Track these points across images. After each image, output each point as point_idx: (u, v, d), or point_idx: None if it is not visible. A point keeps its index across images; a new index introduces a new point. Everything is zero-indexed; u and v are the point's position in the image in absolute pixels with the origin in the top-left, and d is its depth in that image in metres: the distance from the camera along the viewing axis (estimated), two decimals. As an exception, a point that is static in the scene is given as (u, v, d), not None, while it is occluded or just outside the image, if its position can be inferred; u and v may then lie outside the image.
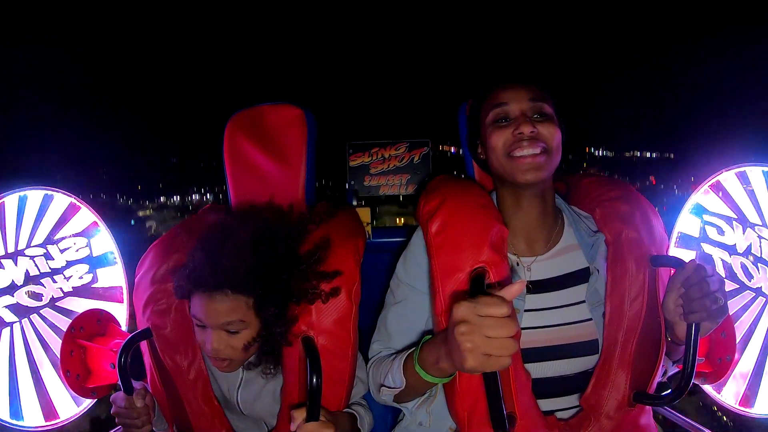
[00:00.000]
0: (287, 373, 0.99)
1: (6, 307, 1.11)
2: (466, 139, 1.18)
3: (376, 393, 1.00)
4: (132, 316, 1.17)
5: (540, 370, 0.92)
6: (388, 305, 1.05)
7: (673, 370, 1.02)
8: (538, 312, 0.95)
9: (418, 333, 1.01)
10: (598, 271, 0.96)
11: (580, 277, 0.97)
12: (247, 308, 0.91)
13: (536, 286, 0.96)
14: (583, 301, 0.95)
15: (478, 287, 0.79)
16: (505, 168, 0.94)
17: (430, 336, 0.88)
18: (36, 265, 1.15)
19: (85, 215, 1.21)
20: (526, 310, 0.94)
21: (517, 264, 0.98)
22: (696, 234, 1.18)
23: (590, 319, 0.94)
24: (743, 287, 1.13)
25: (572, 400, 0.95)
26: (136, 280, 1.07)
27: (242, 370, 1.04)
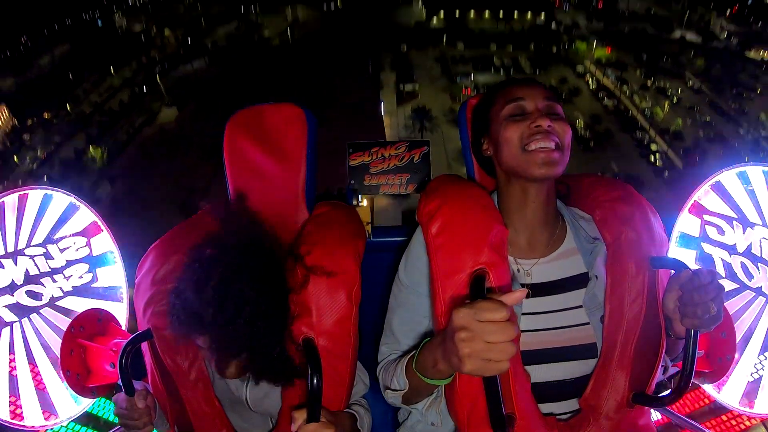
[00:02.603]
0: None
1: (6, 306, 1.11)
2: (468, 138, 1.18)
3: (385, 395, 1.00)
4: (132, 316, 1.17)
5: (538, 373, 0.92)
6: (391, 308, 1.05)
7: (672, 370, 1.02)
8: (535, 315, 0.95)
9: (424, 334, 1.01)
10: (596, 277, 0.96)
11: (578, 281, 0.97)
12: None
13: (535, 290, 0.96)
14: (581, 306, 0.95)
15: (478, 289, 0.79)
16: (520, 161, 0.93)
17: (429, 339, 0.88)
18: (36, 265, 1.15)
19: (85, 215, 1.21)
20: (524, 314, 0.94)
21: (518, 270, 0.98)
22: (696, 234, 1.18)
23: (588, 323, 0.95)
24: (743, 287, 1.12)
25: (572, 404, 0.95)
26: (136, 281, 1.07)
27: None
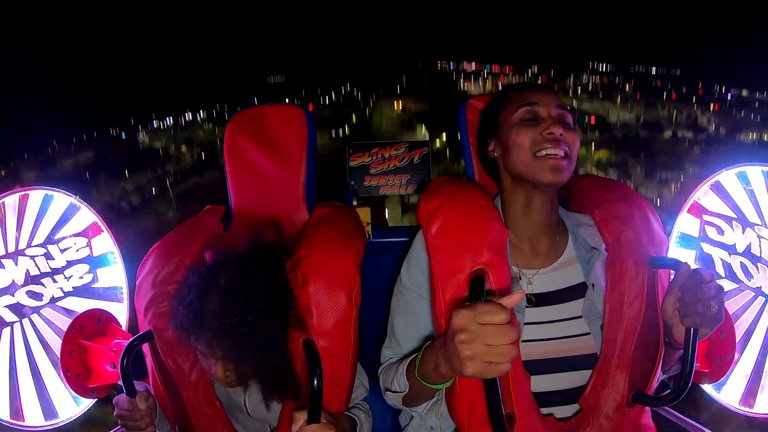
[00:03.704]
0: None
1: (6, 306, 1.11)
2: (467, 138, 1.18)
3: (385, 397, 1.00)
4: (132, 316, 1.18)
5: (540, 383, 0.92)
6: (393, 312, 1.05)
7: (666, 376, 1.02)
8: (537, 325, 0.95)
9: (426, 338, 1.01)
10: (593, 285, 0.96)
11: (577, 291, 0.97)
12: None
13: (537, 300, 0.96)
14: (581, 316, 0.95)
15: (478, 290, 0.79)
16: (529, 167, 0.93)
17: (430, 342, 0.88)
18: (36, 265, 1.15)
19: (86, 215, 1.21)
20: (525, 323, 0.94)
21: (519, 278, 0.98)
22: (696, 234, 1.18)
23: (589, 333, 0.95)
24: (743, 287, 1.13)
25: (572, 407, 0.95)
26: (137, 282, 1.07)
27: None
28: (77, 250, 1.20)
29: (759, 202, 1.11)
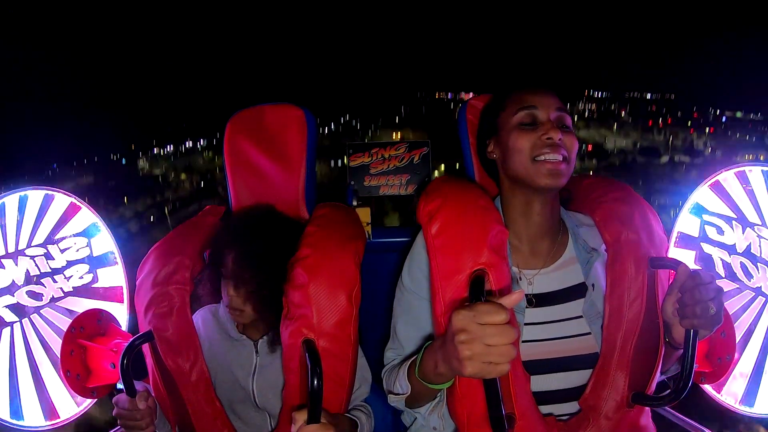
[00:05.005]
0: (289, 374, 0.99)
1: (6, 306, 1.12)
2: (467, 138, 1.18)
3: (388, 399, 1.01)
4: (132, 316, 1.18)
5: (540, 383, 0.92)
6: (396, 314, 1.05)
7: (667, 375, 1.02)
8: (537, 325, 0.95)
9: (428, 338, 1.01)
10: (593, 286, 0.96)
11: (577, 291, 0.97)
12: None
13: (537, 300, 0.96)
14: (581, 316, 0.95)
15: (478, 290, 0.79)
16: (528, 171, 0.93)
17: (430, 342, 0.88)
18: (36, 265, 1.15)
19: (86, 215, 1.21)
20: (525, 324, 0.94)
21: (520, 278, 0.98)
22: (695, 234, 1.18)
23: (589, 333, 0.94)
24: (743, 287, 1.13)
25: (572, 406, 0.95)
26: (137, 283, 1.07)
27: (255, 357, 1.07)
28: (77, 250, 1.20)
29: (759, 202, 1.12)
